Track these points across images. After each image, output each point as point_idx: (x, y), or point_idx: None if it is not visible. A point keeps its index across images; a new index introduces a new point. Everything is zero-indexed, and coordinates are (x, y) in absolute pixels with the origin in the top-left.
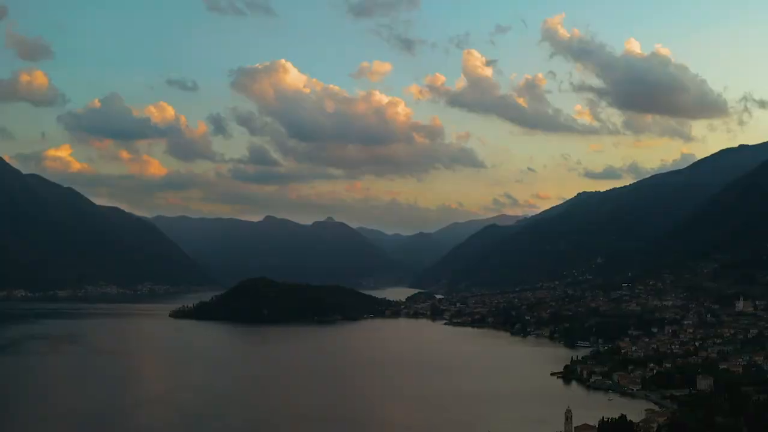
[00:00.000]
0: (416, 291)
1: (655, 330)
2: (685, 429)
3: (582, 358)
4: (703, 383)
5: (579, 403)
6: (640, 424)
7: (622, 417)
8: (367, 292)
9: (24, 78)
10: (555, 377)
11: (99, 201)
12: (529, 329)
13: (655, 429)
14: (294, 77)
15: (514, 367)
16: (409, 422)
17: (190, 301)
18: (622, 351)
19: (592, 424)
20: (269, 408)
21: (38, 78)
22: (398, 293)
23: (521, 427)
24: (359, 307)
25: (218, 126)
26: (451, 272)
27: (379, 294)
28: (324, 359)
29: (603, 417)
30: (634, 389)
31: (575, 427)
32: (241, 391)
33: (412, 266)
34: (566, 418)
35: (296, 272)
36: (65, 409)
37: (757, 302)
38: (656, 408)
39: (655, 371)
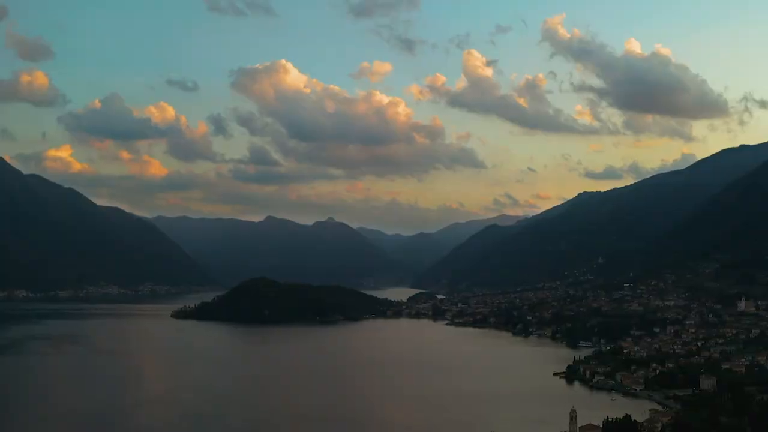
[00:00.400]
0: (417, 291)
1: (657, 330)
2: (690, 429)
3: (584, 358)
4: (706, 383)
5: (582, 403)
6: (645, 424)
7: (627, 417)
8: (367, 293)
9: (24, 78)
10: (557, 377)
11: (99, 201)
12: (531, 329)
13: (659, 429)
14: (294, 77)
15: (516, 367)
16: (409, 422)
17: (192, 302)
18: (625, 351)
19: (596, 423)
20: (269, 408)
21: (39, 78)
22: (399, 293)
23: (524, 427)
24: (360, 307)
25: (219, 126)
26: (452, 272)
27: (379, 294)
28: (324, 359)
29: (607, 417)
30: (637, 389)
31: (580, 427)
32: (241, 391)
33: (413, 266)
34: (571, 418)
35: (297, 272)
36: (65, 409)
37: (758, 302)
38: (660, 408)
39: (657, 371)
